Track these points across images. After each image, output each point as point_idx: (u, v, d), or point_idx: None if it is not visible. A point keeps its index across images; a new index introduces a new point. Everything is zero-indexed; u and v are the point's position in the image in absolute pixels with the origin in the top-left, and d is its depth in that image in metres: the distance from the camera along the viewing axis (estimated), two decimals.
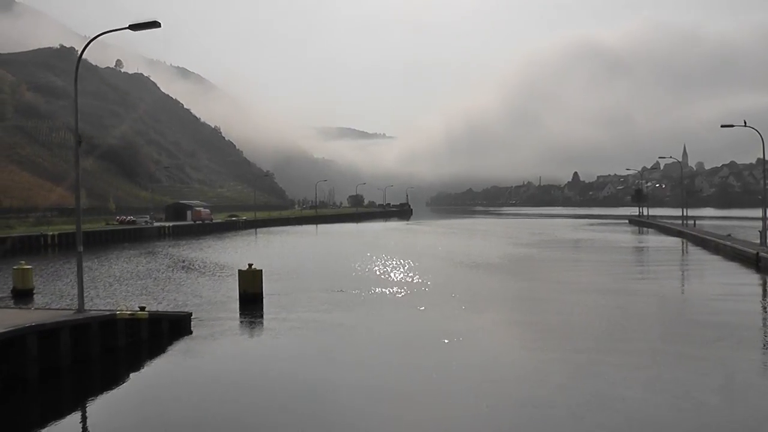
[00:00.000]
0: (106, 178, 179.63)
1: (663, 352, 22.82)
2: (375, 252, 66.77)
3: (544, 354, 22.82)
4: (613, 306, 32.38)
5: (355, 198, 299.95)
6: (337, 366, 21.79)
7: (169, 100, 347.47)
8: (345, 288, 39.00)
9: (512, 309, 32.90)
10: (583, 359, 21.74)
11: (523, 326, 28.57)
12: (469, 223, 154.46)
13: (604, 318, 29.23)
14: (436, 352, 23.15)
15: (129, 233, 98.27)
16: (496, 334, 27.15)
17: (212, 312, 31.51)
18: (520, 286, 41.19)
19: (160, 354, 23.93)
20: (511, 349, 24.31)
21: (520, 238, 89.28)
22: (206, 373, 21.39)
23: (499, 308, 32.75)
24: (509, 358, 22.72)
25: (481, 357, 22.51)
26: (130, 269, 50.60)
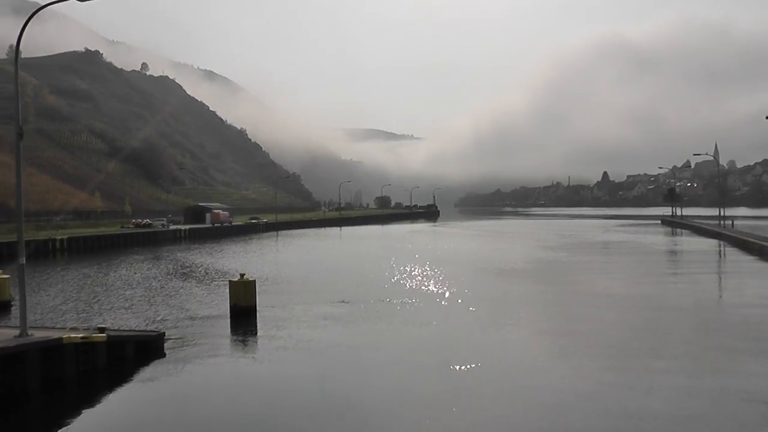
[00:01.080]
0: (127, 181, 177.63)
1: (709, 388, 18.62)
2: (394, 256, 62.97)
3: (573, 387, 18.67)
4: (653, 324, 28.13)
5: (381, 199, 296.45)
6: (326, 401, 17.93)
7: (195, 103, 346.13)
8: (351, 299, 35.12)
9: (536, 325, 28.66)
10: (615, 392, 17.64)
11: (547, 348, 24.37)
12: (496, 225, 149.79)
13: (641, 337, 25.04)
14: (444, 383, 19.26)
15: (142, 237, 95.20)
16: (515, 359, 23.02)
17: (196, 329, 27.84)
18: (545, 296, 36.90)
19: (115, 386, 20.17)
20: (536, 379, 20.17)
21: (548, 241, 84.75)
22: (167, 409, 17.65)
23: (521, 325, 28.51)
24: (532, 392, 18.58)
25: (496, 390, 18.47)
26: (125, 277, 47.10)
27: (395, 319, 29.49)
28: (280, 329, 27.56)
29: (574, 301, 34.56)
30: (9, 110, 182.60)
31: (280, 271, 49.44)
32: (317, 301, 34.90)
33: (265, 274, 47.65)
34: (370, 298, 35.37)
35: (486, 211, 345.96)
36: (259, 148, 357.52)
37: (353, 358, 23.11)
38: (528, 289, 38.93)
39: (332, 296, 36.26)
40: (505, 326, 27.80)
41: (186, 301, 35.38)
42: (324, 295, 36.66)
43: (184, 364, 22.24)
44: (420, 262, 56.07)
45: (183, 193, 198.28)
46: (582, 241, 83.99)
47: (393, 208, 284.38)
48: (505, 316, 29.86)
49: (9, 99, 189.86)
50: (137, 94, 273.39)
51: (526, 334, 26.73)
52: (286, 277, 46.18)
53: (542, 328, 27.77)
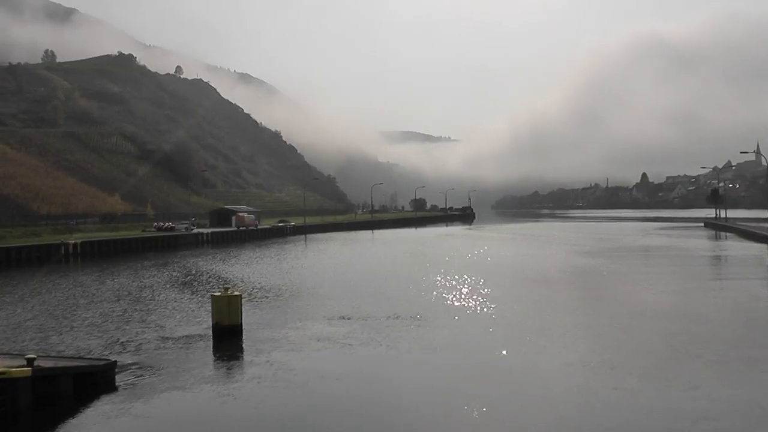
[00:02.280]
0: (156, 184, 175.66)
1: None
2: (418, 263, 58.76)
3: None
4: (704, 349, 23.41)
5: (417, 202, 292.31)
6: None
7: (229, 106, 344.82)
8: (357, 314, 30.89)
9: (565, 349, 23.97)
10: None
11: (577, 383, 19.79)
12: (532, 228, 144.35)
13: (689, 364, 20.39)
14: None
15: (162, 241, 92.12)
16: (536, 397, 18.51)
17: (165, 353, 23.84)
18: (579, 312, 32.05)
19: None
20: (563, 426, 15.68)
21: (585, 246, 79.57)
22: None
23: (547, 349, 23.88)
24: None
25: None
26: (119, 287, 43.36)
27: (401, 341, 25.10)
28: (261, 354, 23.45)
29: (612, 321, 29.79)
30: (39, 113, 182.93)
31: (288, 281, 45.41)
32: (317, 316, 30.76)
33: (271, 284, 43.73)
34: (379, 313, 31.09)
35: (523, 214, 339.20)
36: (294, 150, 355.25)
37: (336, 395, 18.87)
38: (560, 304, 34.20)
39: (336, 311, 32.09)
40: (532, 352, 23.27)
41: (168, 317, 31.42)
42: (327, 310, 32.50)
43: (134, 401, 18.22)
44: (444, 269, 51.64)
45: (214, 195, 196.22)
46: (621, 246, 78.68)
47: (428, 211, 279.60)
48: (533, 341, 25.27)
49: (39, 102, 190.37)
50: (170, 97, 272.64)
51: (552, 362, 22.15)
52: (293, 287, 42.09)
53: (574, 359, 23.13)
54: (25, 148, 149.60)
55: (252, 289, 41.16)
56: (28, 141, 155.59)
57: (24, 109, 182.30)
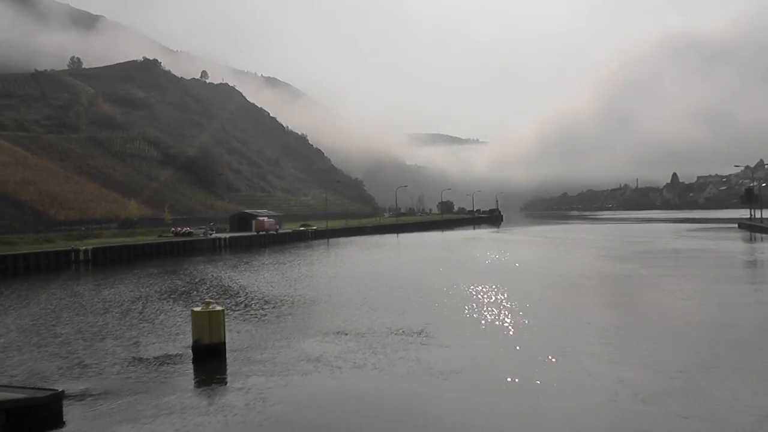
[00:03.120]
0: (179, 188, 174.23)
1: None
2: (437, 269, 55.60)
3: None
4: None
5: (444, 204, 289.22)
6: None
7: (254, 109, 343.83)
8: (356, 329, 27.96)
9: (592, 376, 20.71)
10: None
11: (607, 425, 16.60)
12: (560, 230, 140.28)
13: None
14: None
15: (177, 247, 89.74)
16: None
17: (132, 378, 21.06)
18: (607, 326, 28.52)
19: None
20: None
21: (614, 249, 75.72)
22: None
23: (572, 376, 20.68)
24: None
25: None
26: (113, 297, 40.74)
27: (399, 364, 22.00)
28: (238, 379, 20.60)
29: (645, 340, 26.42)
30: (62, 119, 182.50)
31: (293, 290, 42.48)
32: (312, 331, 27.83)
33: (274, 293, 40.88)
34: (381, 327, 28.08)
35: (552, 215, 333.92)
36: (321, 153, 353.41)
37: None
38: (586, 316, 30.79)
39: (335, 324, 29.15)
40: (552, 379, 20.07)
41: (150, 332, 28.62)
42: (326, 323, 29.58)
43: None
44: (463, 276, 48.49)
45: (238, 199, 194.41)
46: (651, 249, 74.73)
47: (455, 213, 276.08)
48: (554, 365, 22.07)
49: (62, 108, 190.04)
50: (195, 101, 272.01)
51: (582, 400, 18.95)
52: (295, 297, 39.15)
53: (603, 390, 19.87)
54: (47, 153, 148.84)
55: (251, 299, 38.37)
56: (49, 147, 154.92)
57: (47, 115, 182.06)
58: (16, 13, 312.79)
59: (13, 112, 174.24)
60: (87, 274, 62.52)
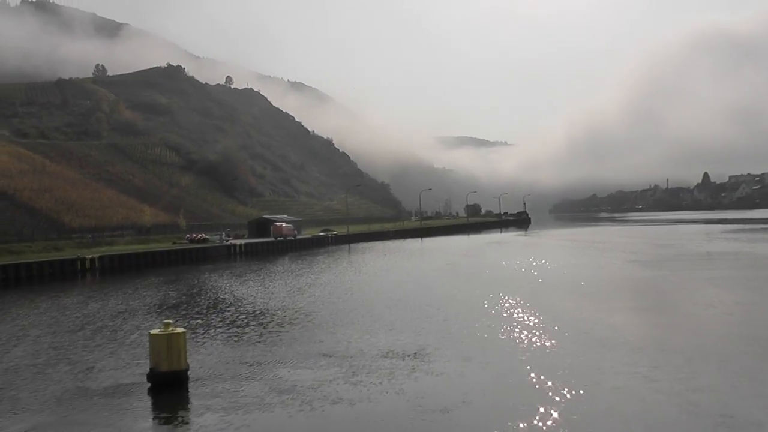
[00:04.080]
0: (201, 194, 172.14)
1: None
2: (453, 277, 52.18)
3: None
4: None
5: (471, 207, 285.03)
6: None
7: (279, 114, 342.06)
8: (343, 351, 24.50)
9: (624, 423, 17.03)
10: None
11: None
12: (589, 233, 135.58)
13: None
14: None
15: (189, 254, 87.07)
16: None
17: (66, 415, 17.72)
18: (635, 347, 24.68)
19: None
20: None
21: (644, 253, 71.32)
22: None
23: (587, 419, 17.03)
24: None
25: None
26: (94, 312, 37.69)
27: (382, 398, 18.49)
28: (194, 414, 17.26)
29: (680, 365, 22.64)
30: (84, 126, 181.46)
31: (289, 303, 39.14)
32: (293, 354, 24.46)
33: (268, 307, 37.63)
34: (372, 348, 24.64)
35: (581, 218, 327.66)
36: (347, 157, 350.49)
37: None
38: (610, 334, 26.99)
39: (321, 345, 25.76)
40: (566, 425, 16.45)
41: (112, 355, 25.42)
42: (310, 344, 26.18)
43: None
44: (479, 285, 44.93)
45: (261, 205, 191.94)
46: (683, 253, 70.18)
47: (482, 216, 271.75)
48: (568, 398, 18.42)
49: (84, 115, 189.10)
50: (218, 106, 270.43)
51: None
52: (289, 311, 35.78)
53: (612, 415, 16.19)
54: (66, 160, 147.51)
55: (238, 314, 35.07)
56: (69, 154, 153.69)
57: (69, 122, 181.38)
58: (41, 22, 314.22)
59: (34, 120, 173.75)
60: (90, 284, 60.05)
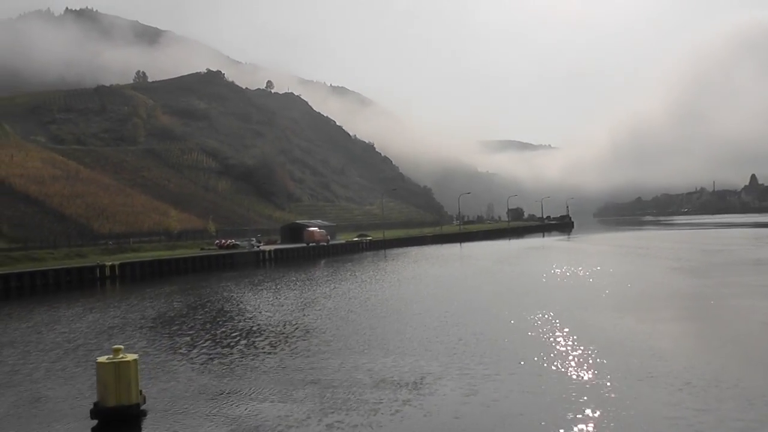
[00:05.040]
0: (237, 199, 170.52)
1: None
2: (479, 286, 48.55)
3: None
4: None
5: (514, 211, 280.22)
6: None
7: (320, 118, 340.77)
8: (328, 377, 21.30)
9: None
10: None
11: None
12: (632, 238, 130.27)
13: None
14: None
15: (215, 261, 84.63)
16: None
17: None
18: (679, 381, 20.92)
19: None
20: None
21: (689, 260, 66.69)
22: None
23: None
24: None
25: None
26: (87, 327, 34.95)
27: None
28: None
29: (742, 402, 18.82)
30: (120, 132, 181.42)
31: (294, 317, 35.88)
32: (275, 381, 21.28)
33: (268, 322, 34.61)
34: (365, 376, 21.31)
35: (626, 221, 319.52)
36: (389, 161, 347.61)
37: None
38: (648, 362, 23.22)
39: (306, 372, 22.47)
40: None
41: (67, 383, 22.45)
42: (294, 369, 23.01)
43: None
44: (505, 296, 41.32)
45: (299, 209, 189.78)
46: (732, 261, 65.29)
47: (525, 221, 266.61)
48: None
49: (121, 121, 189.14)
50: (258, 111, 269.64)
51: None
52: (288, 327, 32.59)
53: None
54: (100, 166, 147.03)
55: (232, 332, 31.89)
56: (104, 159, 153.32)
57: (106, 128, 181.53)
58: (83, 29, 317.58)
59: (72, 126, 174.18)
60: (105, 292, 57.92)
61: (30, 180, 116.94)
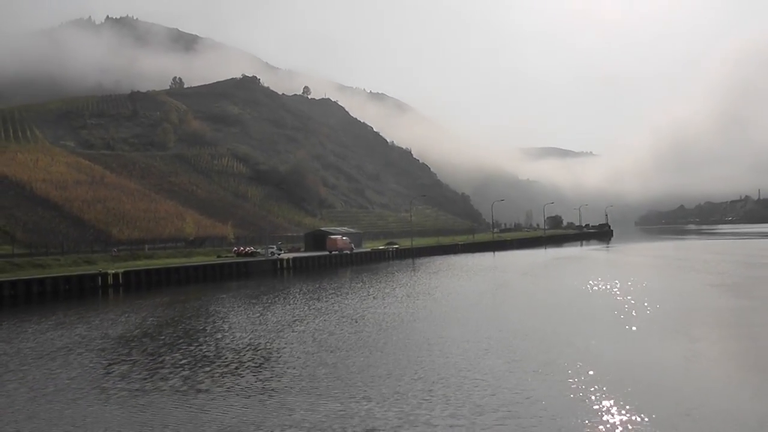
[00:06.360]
0: (267, 205, 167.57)
1: None
2: (490, 306, 44.15)
3: None
4: None
5: (552, 219, 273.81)
6: None
7: (357, 124, 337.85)
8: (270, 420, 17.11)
9: None
10: None
11: None
12: (673, 248, 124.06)
13: None
14: None
15: (228, 270, 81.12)
16: None
17: None
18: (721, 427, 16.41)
19: None
20: None
21: (732, 274, 61.13)
22: None
23: None
24: None
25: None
26: (36, 346, 31.42)
27: None
28: None
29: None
30: (151, 137, 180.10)
31: (263, 341, 31.97)
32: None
33: (238, 345, 30.73)
34: (324, 420, 17.19)
35: (667, 230, 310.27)
36: (426, 168, 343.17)
37: None
38: (691, 401, 18.76)
39: (238, 424, 18.41)
40: None
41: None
42: (228, 417, 18.89)
43: None
44: (515, 318, 36.90)
45: (331, 216, 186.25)
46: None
47: (563, 229, 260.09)
48: None
49: (152, 126, 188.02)
50: (293, 117, 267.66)
51: None
52: (254, 355, 28.72)
53: None
54: (127, 171, 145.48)
55: (189, 357, 28.10)
56: (131, 164, 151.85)
57: (136, 133, 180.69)
58: (121, 36, 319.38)
59: (102, 131, 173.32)
60: (100, 302, 54.72)
61: (52, 184, 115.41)
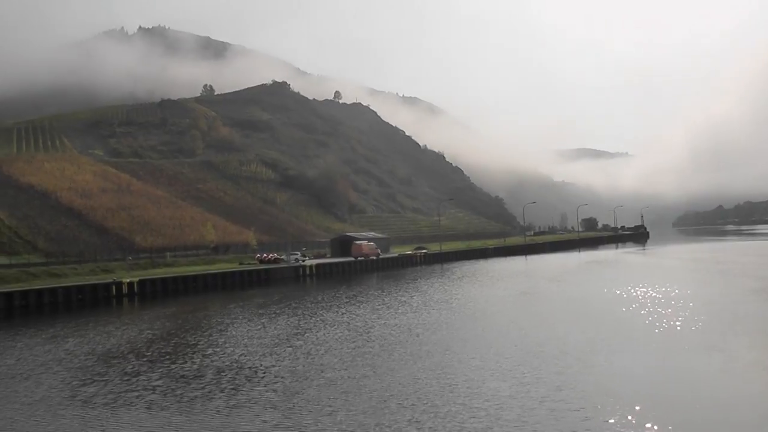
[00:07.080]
0: (295, 211, 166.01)
1: None
2: (510, 316, 41.72)
3: None
4: None
5: (587, 221, 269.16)
6: None
7: (389, 128, 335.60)
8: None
9: None
10: None
11: None
12: (710, 250, 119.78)
13: None
14: None
15: (250, 276, 79.50)
16: None
17: None
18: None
19: None
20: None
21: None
22: None
23: None
24: None
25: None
26: (20, 362, 29.69)
27: None
28: None
29: None
30: (179, 144, 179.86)
31: (248, 360, 29.95)
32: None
33: (222, 364, 28.67)
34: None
35: (706, 231, 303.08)
36: (460, 171, 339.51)
37: None
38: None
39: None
40: None
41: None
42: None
43: None
44: (531, 332, 34.44)
45: (362, 221, 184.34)
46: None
47: (598, 231, 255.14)
48: None
49: (180, 133, 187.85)
50: (323, 122, 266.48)
51: None
52: (233, 375, 26.64)
53: None
54: (154, 178, 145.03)
55: (169, 378, 26.13)
56: (158, 172, 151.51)
57: (165, 141, 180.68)
58: (152, 46, 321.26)
59: (130, 139, 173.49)
60: (111, 312, 53.41)
61: (76, 193, 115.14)
